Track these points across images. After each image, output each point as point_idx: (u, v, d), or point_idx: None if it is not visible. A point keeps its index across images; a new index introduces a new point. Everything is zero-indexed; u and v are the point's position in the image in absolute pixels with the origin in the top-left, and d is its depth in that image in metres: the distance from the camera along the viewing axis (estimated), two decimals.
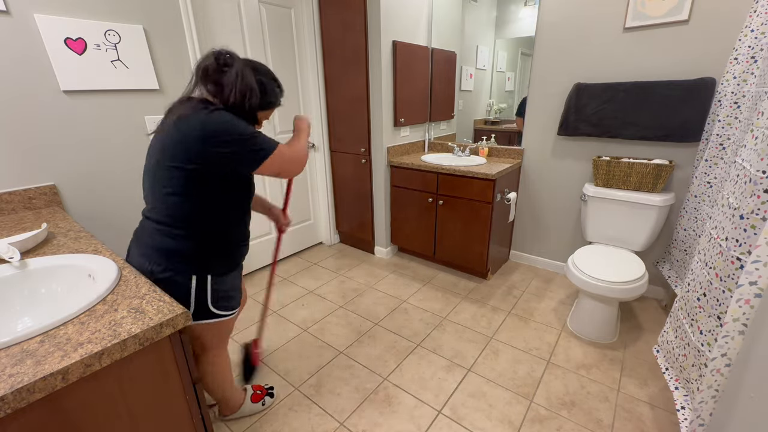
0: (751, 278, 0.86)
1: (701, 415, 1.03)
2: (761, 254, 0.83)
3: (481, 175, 2.13)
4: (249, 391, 1.48)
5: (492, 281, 2.46)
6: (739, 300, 0.89)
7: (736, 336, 0.91)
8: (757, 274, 0.84)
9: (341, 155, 2.76)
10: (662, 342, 1.38)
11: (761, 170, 0.89)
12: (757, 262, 0.84)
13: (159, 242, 0.99)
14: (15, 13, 1.36)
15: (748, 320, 0.89)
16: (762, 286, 0.84)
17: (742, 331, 0.90)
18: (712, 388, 0.99)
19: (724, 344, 0.94)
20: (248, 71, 1.00)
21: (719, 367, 0.96)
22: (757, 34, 1.39)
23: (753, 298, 0.87)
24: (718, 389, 0.98)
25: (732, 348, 0.93)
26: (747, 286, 0.87)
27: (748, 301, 0.88)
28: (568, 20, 2.06)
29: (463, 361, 1.74)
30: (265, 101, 1.05)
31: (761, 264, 0.84)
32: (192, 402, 0.85)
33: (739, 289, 0.88)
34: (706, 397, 1.00)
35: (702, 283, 1.12)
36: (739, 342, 0.91)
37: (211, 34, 2.01)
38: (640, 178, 1.90)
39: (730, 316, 0.91)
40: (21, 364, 0.61)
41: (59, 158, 1.55)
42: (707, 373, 0.98)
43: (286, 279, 2.53)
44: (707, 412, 1.02)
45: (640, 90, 1.86)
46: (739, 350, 0.90)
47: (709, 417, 1.02)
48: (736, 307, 0.89)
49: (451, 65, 2.69)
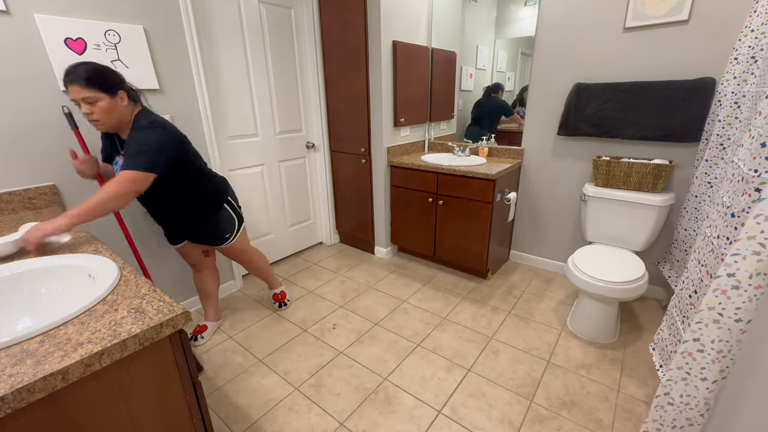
0: (729, 270, 0.88)
1: (670, 393, 1.07)
2: (741, 248, 0.85)
3: (481, 175, 2.13)
4: (282, 287, 2.25)
5: (492, 281, 2.46)
6: (716, 290, 0.91)
7: (710, 324, 0.95)
8: (736, 267, 0.87)
9: (341, 155, 2.76)
10: (658, 339, 1.38)
11: (753, 169, 0.90)
12: (737, 255, 0.86)
13: (177, 212, 1.60)
14: (15, 13, 1.36)
15: (723, 310, 0.92)
16: (740, 278, 0.87)
17: (717, 320, 0.94)
18: (683, 370, 1.03)
19: (697, 329, 0.98)
20: None
21: (691, 350, 1.00)
22: (757, 34, 1.39)
23: (730, 290, 0.90)
24: (689, 372, 1.02)
25: (705, 335, 0.97)
26: (725, 277, 0.89)
27: (724, 291, 0.90)
28: (568, 20, 2.06)
29: (463, 361, 1.74)
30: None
31: (740, 257, 0.86)
32: (192, 402, 0.85)
33: (717, 279, 0.91)
34: (676, 377, 1.05)
35: (694, 281, 1.14)
36: (714, 330, 0.95)
37: (211, 34, 2.01)
38: (640, 178, 1.90)
39: (705, 304, 0.94)
40: (21, 364, 0.61)
41: (59, 158, 1.55)
42: (677, 355, 1.02)
43: (286, 279, 2.53)
44: (677, 392, 1.06)
45: (640, 90, 1.86)
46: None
47: (679, 398, 1.06)
48: (713, 297, 0.92)
49: (451, 65, 2.69)
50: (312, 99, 2.65)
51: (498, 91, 2.56)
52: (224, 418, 1.47)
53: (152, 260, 1.93)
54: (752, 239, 0.83)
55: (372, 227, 2.80)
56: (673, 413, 1.09)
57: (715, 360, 0.97)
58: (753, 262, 0.84)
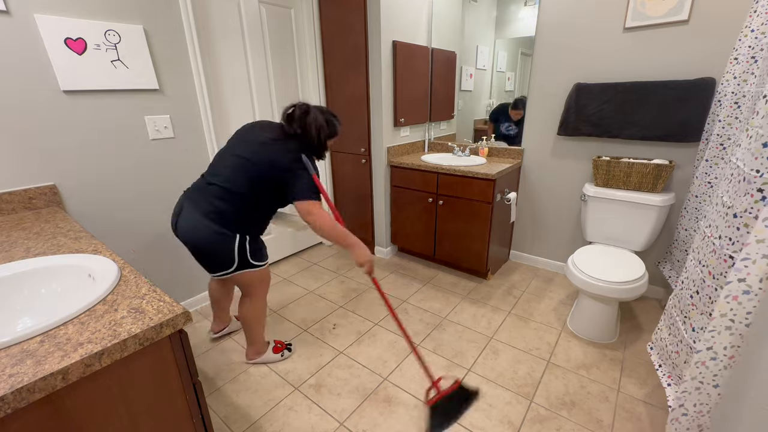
0: (740, 275, 0.87)
1: (684, 405, 1.05)
2: (751, 252, 0.84)
3: (481, 175, 2.13)
4: (271, 344, 1.78)
5: (492, 281, 2.46)
6: (727, 296, 0.90)
7: (723, 331, 0.93)
8: (746, 272, 0.86)
9: (341, 155, 2.76)
10: (656, 339, 1.38)
11: (755, 169, 0.89)
12: (747, 259, 0.85)
13: (218, 205, 1.37)
14: (15, 13, 1.36)
15: (735, 316, 0.90)
16: (750, 283, 0.86)
17: (729, 326, 0.92)
18: (696, 380, 1.01)
19: (710, 338, 0.95)
20: (318, 113, 1.45)
21: (704, 359, 0.98)
22: (758, 34, 1.39)
23: (741, 295, 0.88)
24: (702, 381, 1.00)
25: (718, 342, 0.94)
26: (735, 282, 0.88)
27: (736, 297, 0.89)
28: (568, 20, 2.06)
29: (463, 361, 1.74)
30: (332, 132, 1.50)
31: (750, 261, 0.85)
32: (192, 402, 0.85)
33: (728, 285, 0.89)
34: (690, 388, 1.02)
35: (695, 281, 1.13)
36: (726, 337, 0.93)
37: (211, 34, 2.01)
38: (640, 178, 1.90)
39: (717, 311, 0.92)
40: (21, 364, 0.61)
41: (59, 158, 1.55)
42: (692, 365, 1.00)
43: (286, 279, 2.53)
44: (691, 402, 1.04)
45: (641, 90, 1.86)
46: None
47: (692, 408, 1.04)
48: (724, 303, 0.91)
49: (451, 65, 2.69)
50: (312, 99, 2.65)
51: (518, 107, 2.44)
52: (224, 418, 1.47)
53: (152, 260, 1.93)
54: (761, 242, 0.82)
55: (372, 227, 2.80)
56: (687, 423, 1.08)
57: (727, 366, 0.96)
58: (763, 265, 0.83)
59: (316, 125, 1.42)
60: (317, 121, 1.43)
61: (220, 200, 1.37)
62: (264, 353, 1.74)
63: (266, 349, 1.76)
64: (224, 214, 1.38)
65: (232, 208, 1.38)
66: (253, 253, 1.47)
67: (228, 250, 1.40)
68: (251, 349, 1.73)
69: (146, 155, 1.79)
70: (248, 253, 1.45)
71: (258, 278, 1.55)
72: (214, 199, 1.37)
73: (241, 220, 1.41)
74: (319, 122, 1.43)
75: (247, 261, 1.45)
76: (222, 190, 1.37)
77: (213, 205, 1.37)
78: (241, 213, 1.40)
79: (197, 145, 1.98)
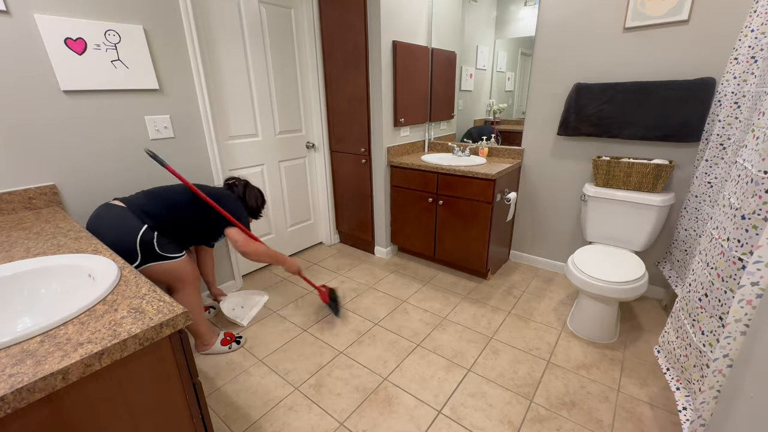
0: (752, 279, 0.85)
1: (702, 415, 1.03)
2: (763, 254, 0.83)
3: (481, 175, 2.13)
4: (220, 336, 1.85)
5: (492, 281, 2.46)
6: (740, 301, 0.88)
7: (738, 337, 0.91)
8: (759, 275, 0.84)
9: (341, 155, 2.76)
10: (663, 342, 1.37)
11: (763, 170, 0.89)
12: (759, 262, 0.84)
13: (131, 218, 1.42)
14: (15, 13, 1.36)
15: (750, 321, 0.89)
16: (763, 286, 0.84)
17: (744, 331, 0.90)
18: (714, 389, 0.99)
19: (726, 345, 0.94)
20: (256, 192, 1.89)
21: (721, 368, 0.96)
22: (757, 34, 1.39)
23: (755, 299, 0.86)
24: (720, 390, 0.98)
25: (734, 349, 0.93)
26: (749, 286, 0.86)
27: (750, 301, 0.87)
28: (568, 20, 2.06)
29: (463, 361, 1.74)
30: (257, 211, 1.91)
31: (763, 264, 0.83)
32: (192, 402, 0.85)
33: (741, 289, 0.88)
34: (708, 398, 1.00)
35: (704, 284, 1.12)
36: (741, 342, 0.91)
37: (211, 34, 2.01)
38: (640, 178, 1.90)
39: (732, 317, 0.91)
40: (21, 364, 0.61)
41: (59, 158, 1.55)
42: (709, 374, 0.98)
43: (286, 279, 2.53)
44: (708, 412, 1.02)
45: (640, 90, 1.86)
46: (740, 350, 0.90)
47: (710, 417, 1.02)
48: (738, 308, 0.89)
49: (451, 65, 2.69)
50: (312, 99, 2.65)
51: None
52: (224, 418, 1.47)
53: None
54: None
55: (372, 227, 2.80)
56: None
57: None
58: None
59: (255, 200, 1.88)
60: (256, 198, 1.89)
61: (135, 218, 1.46)
62: (212, 345, 1.81)
63: (215, 340, 1.82)
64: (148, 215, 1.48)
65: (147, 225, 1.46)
66: (160, 245, 1.45)
67: (132, 239, 1.38)
68: (198, 342, 1.80)
69: (146, 155, 1.80)
70: (155, 243, 1.43)
71: (174, 272, 1.52)
72: (131, 216, 1.47)
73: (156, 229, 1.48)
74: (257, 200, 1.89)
75: (155, 252, 1.43)
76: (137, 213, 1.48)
77: (127, 218, 1.44)
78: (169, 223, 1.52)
79: (197, 145, 1.98)
